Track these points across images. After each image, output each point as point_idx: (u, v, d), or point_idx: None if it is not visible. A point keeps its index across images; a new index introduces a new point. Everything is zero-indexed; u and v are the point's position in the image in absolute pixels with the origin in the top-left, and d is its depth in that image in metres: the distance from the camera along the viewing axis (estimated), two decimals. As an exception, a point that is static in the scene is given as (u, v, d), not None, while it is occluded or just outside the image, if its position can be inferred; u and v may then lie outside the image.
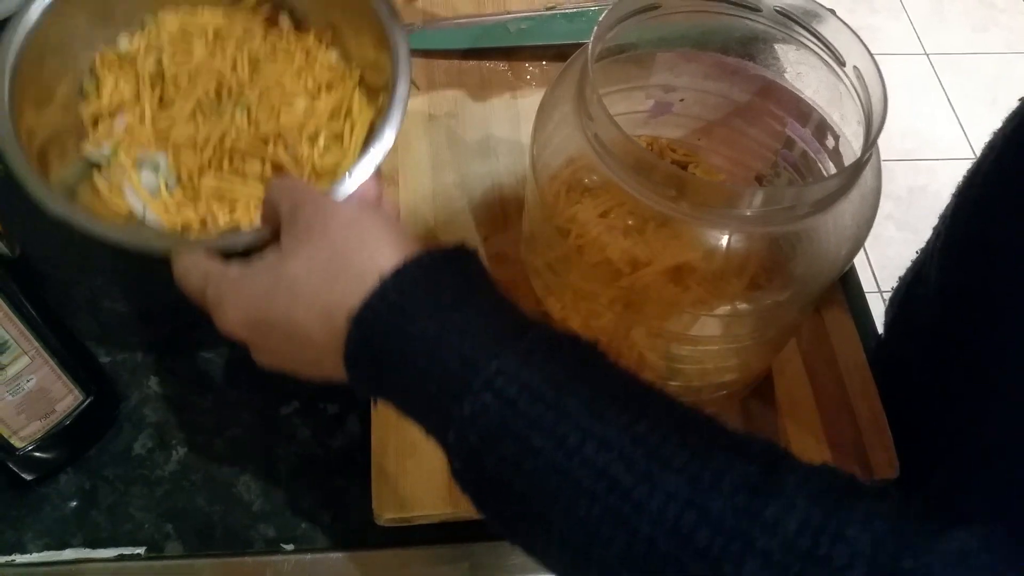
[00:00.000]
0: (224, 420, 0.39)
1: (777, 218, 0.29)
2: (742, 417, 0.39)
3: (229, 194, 0.39)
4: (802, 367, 0.40)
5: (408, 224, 0.44)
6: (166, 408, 0.40)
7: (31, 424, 0.35)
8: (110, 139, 0.41)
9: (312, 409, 0.40)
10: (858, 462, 0.38)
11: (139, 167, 0.40)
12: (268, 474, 0.38)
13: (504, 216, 0.44)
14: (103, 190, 0.40)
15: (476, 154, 0.46)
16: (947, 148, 1.39)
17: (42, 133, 0.39)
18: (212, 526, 0.37)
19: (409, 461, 0.36)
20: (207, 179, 0.39)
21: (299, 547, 0.36)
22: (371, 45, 0.42)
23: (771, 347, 0.37)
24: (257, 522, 0.37)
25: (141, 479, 0.38)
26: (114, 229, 0.36)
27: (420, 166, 0.46)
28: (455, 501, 0.36)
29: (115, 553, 0.36)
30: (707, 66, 0.36)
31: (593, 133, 0.29)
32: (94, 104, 0.41)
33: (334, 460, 0.38)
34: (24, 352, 0.34)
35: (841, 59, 0.31)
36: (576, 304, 0.35)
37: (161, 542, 0.36)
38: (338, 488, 0.38)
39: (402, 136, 0.46)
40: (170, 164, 0.40)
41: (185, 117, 0.41)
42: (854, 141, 0.32)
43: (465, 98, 0.49)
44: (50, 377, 0.35)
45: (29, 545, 0.36)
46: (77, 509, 0.37)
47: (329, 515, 0.37)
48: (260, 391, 0.40)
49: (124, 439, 0.39)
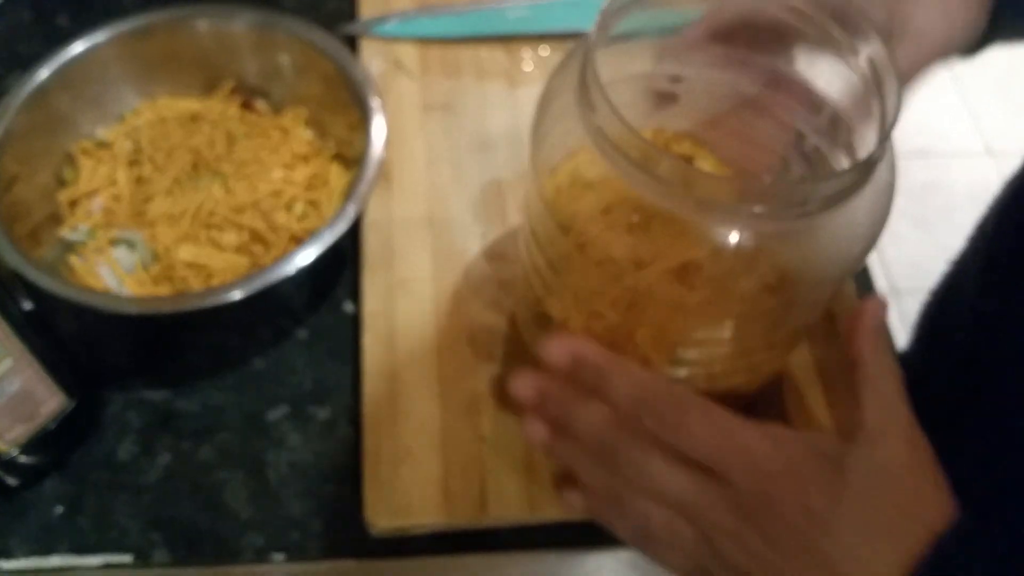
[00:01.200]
0: (211, 425, 0.39)
1: (788, 214, 0.27)
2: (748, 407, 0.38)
3: (206, 266, 0.40)
4: (812, 368, 0.39)
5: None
6: (151, 413, 0.39)
7: (15, 428, 0.35)
8: (87, 220, 0.41)
9: (302, 414, 0.39)
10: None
11: (115, 246, 0.41)
12: (257, 481, 0.37)
13: (503, 213, 0.43)
14: (79, 270, 0.40)
15: (473, 147, 0.45)
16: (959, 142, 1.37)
17: (21, 216, 0.40)
18: (200, 534, 0.36)
19: (403, 468, 0.36)
20: (183, 251, 0.40)
21: (289, 556, 0.36)
22: (346, 125, 0.43)
23: (781, 349, 0.36)
24: (246, 530, 0.36)
25: (127, 485, 0.37)
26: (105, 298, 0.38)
27: (414, 160, 0.45)
28: (451, 510, 0.35)
29: (102, 561, 0.35)
30: (714, 55, 0.35)
31: (595, 125, 0.28)
32: (72, 188, 0.42)
33: (325, 467, 0.38)
34: (8, 354, 0.33)
35: (855, 49, 0.30)
36: (577, 305, 0.34)
37: (148, 550, 0.35)
38: (329, 496, 0.37)
39: (395, 130, 0.45)
40: (146, 241, 0.41)
41: (161, 193, 0.42)
42: (868, 135, 0.31)
43: (461, 89, 0.47)
44: (34, 380, 0.34)
45: (14, 551, 0.35)
46: (63, 515, 0.36)
47: (320, 523, 0.36)
48: (248, 396, 0.39)
49: (109, 444, 0.38)
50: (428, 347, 0.39)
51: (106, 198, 0.42)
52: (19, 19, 0.51)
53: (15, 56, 0.50)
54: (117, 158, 0.43)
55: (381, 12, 0.50)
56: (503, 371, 0.38)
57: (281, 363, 0.40)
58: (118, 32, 0.43)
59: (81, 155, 0.43)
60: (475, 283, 0.41)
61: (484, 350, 0.39)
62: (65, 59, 0.42)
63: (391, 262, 0.41)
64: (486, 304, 0.40)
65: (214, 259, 0.40)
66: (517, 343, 0.39)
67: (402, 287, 0.40)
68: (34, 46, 0.50)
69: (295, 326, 0.41)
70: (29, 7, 0.52)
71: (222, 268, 0.40)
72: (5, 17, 0.52)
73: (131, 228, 0.41)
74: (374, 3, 0.50)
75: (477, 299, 0.40)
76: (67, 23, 0.51)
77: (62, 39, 0.43)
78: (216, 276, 0.40)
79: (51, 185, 0.42)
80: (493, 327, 0.40)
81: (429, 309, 0.40)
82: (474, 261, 0.42)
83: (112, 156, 0.43)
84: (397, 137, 0.45)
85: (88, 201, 0.42)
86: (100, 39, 0.43)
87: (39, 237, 0.40)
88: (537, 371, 0.27)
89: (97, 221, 0.41)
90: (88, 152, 0.43)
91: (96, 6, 0.51)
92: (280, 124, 0.45)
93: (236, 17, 0.44)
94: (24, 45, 0.50)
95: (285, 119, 0.45)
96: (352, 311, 0.42)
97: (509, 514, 0.35)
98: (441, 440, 0.36)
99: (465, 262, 0.42)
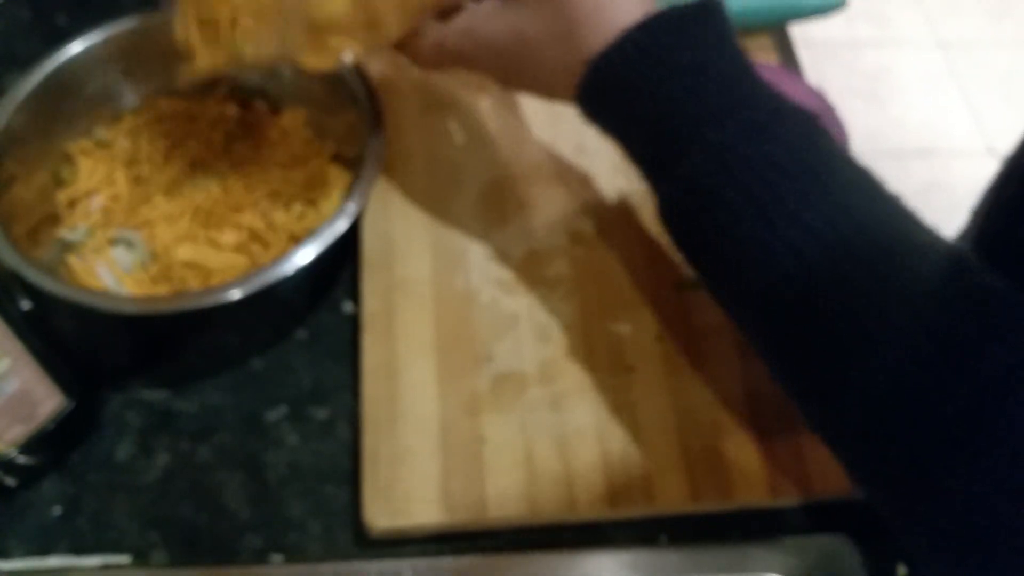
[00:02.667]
0: (210, 426, 0.39)
1: None
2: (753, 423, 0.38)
3: (204, 265, 0.40)
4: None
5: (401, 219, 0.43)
6: (149, 413, 0.39)
7: (13, 428, 0.35)
8: (86, 220, 0.41)
9: (301, 415, 0.39)
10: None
11: (113, 245, 0.41)
12: (256, 482, 0.37)
13: (501, 212, 0.43)
14: (78, 270, 0.40)
15: (472, 147, 0.45)
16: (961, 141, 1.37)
17: (19, 216, 0.40)
18: (198, 535, 0.36)
19: (402, 468, 0.35)
20: (181, 251, 0.40)
21: (288, 557, 0.35)
22: (345, 125, 0.43)
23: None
24: (245, 531, 0.36)
25: (126, 485, 0.37)
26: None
27: (414, 159, 0.45)
28: (450, 510, 0.35)
29: (100, 561, 0.35)
30: None
31: None
32: (70, 188, 0.42)
33: (324, 467, 0.37)
34: (6, 354, 0.33)
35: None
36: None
37: (147, 550, 0.35)
38: (328, 496, 0.37)
39: (395, 128, 0.45)
40: (144, 240, 0.41)
41: (160, 193, 0.42)
42: None
43: (461, 88, 0.47)
44: (32, 380, 0.34)
45: (12, 551, 0.35)
46: (61, 515, 0.36)
47: (319, 524, 0.36)
48: (247, 396, 0.39)
49: (107, 444, 0.38)
50: (427, 347, 0.39)
51: (104, 198, 0.42)
52: (17, 18, 0.51)
53: (13, 56, 0.49)
54: (116, 158, 0.43)
55: (380, 11, 0.50)
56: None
57: (280, 363, 0.40)
58: (116, 32, 0.43)
59: (79, 155, 0.43)
60: (474, 283, 0.41)
61: (483, 351, 0.39)
62: (63, 59, 0.42)
63: (390, 262, 0.41)
64: (486, 304, 0.40)
65: (212, 259, 0.40)
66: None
67: (401, 287, 0.40)
68: (32, 46, 0.50)
69: (294, 326, 0.41)
70: (27, 7, 0.52)
71: (221, 268, 0.40)
72: (3, 16, 0.51)
73: (129, 228, 0.41)
74: (373, 2, 0.50)
75: (476, 299, 0.40)
76: (65, 22, 0.51)
77: (60, 39, 0.43)
78: (215, 276, 0.40)
79: (49, 185, 0.42)
80: (492, 327, 0.40)
81: (428, 309, 0.40)
82: (473, 261, 0.42)
83: (111, 156, 0.43)
84: (396, 137, 0.45)
85: (86, 201, 0.42)
86: (98, 39, 0.43)
87: (37, 237, 0.40)
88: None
89: (95, 221, 0.41)
90: (87, 152, 0.43)
91: (94, 6, 0.51)
92: (278, 124, 0.45)
93: None
94: (22, 45, 0.50)
95: (283, 119, 0.45)
96: (351, 311, 0.42)
97: (508, 515, 0.35)
98: (440, 441, 0.36)
99: (464, 262, 0.41)
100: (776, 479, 0.36)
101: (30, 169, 0.41)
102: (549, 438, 0.37)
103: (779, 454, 0.37)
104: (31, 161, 0.41)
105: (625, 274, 0.41)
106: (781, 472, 0.37)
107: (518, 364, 0.39)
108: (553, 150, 0.46)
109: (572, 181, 0.45)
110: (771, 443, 0.37)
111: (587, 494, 0.36)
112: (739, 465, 0.37)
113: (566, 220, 0.43)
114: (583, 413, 0.37)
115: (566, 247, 0.42)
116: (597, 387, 0.38)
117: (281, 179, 0.42)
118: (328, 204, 0.42)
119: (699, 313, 0.40)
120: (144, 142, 0.43)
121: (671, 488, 0.36)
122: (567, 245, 0.42)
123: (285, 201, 0.42)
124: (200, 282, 0.40)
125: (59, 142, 0.43)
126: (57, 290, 0.36)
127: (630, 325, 0.40)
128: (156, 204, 0.41)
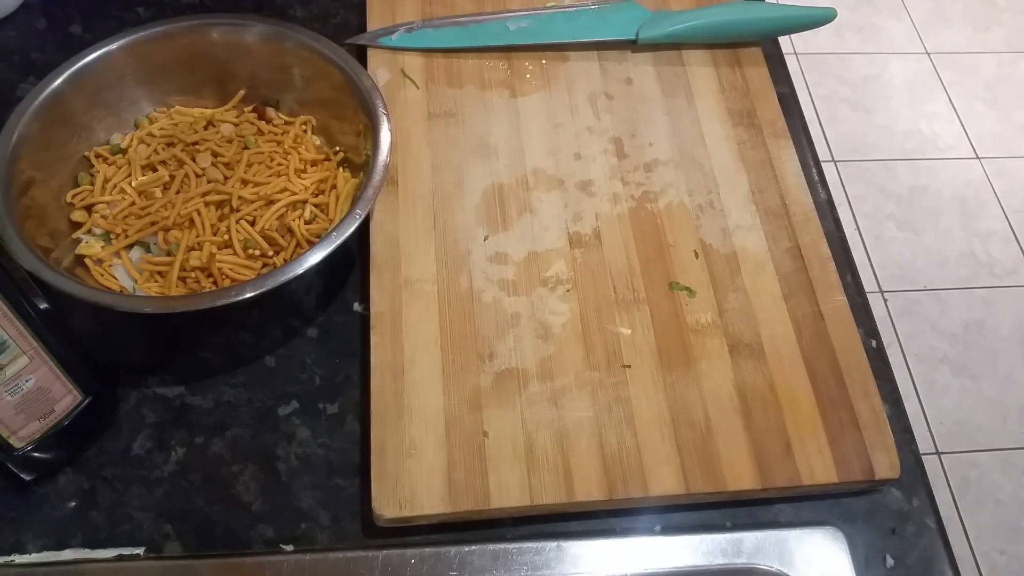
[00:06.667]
0: (223, 420, 0.39)
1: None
2: (742, 417, 0.39)
3: (217, 268, 0.40)
4: (803, 367, 0.41)
5: (406, 223, 0.44)
6: (165, 408, 0.40)
7: (30, 424, 0.35)
8: (102, 224, 0.42)
9: (311, 409, 0.40)
10: (859, 463, 0.38)
11: (129, 248, 0.42)
12: (267, 474, 0.38)
13: (504, 216, 0.44)
14: (95, 271, 0.41)
15: (475, 153, 0.46)
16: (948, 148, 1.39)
17: (37, 218, 0.40)
18: (211, 526, 0.37)
19: (408, 461, 0.37)
20: (196, 253, 0.41)
21: (298, 547, 0.36)
22: (354, 132, 0.44)
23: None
24: (256, 522, 0.37)
25: (140, 479, 0.38)
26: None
27: (419, 165, 0.46)
28: (454, 500, 0.36)
29: (114, 553, 0.36)
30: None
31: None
32: (87, 192, 0.43)
33: (334, 460, 0.38)
34: (23, 352, 0.34)
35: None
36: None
37: (160, 542, 0.36)
38: (337, 488, 0.38)
39: (401, 136, 0.46)
40: (160, 243, 0.41)
41: (174, 197, 0.42)
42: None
43: (464, 97, 0.49)
44: (49, 377, 0.35)
45: (28, 545, 0.36)
46: (76, 509, 0.37)
47: (328, 515, 0.37)
48: (259, 391, 0.40)
49: (123, 439, 0.39)
50: (432, 345, 0.40)
51: (121, 202, 0.43)
52: (33, 27, 0.52)
53: (29, 63, 0.50)
54: (132, 163, 0.44)
55: (388, 24, 0.51)
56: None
57: (291, 360, 0.41)
58: (132, 40, 0.44)
59: (96, 160, 0.44)
60: (477, 284, 0.42)
61: (486, 348, 0.40)
62: (79, 66, 0.43)
63: (397, 264, 0.42)
64: (488, 304, 0.42)
65: (226, 261, 0.41)
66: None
67: (408, 287, 0.41)
68: (48, 54, 0.50)
69: (305, 325, 0.42)
70: (43, 15, 0.52)
71: (234, 269, 0.41)
72: (19, 25, 0.52)
73: (145, 231, 0.42)
74: (381, 15, 0.51)
75: (479, 299, 0.42)
76: (80, 31, 0.52)
77: (75, 47, 0.43)
78: (228, 277, 0.41)
79: (67, 189, 0.43)
80: (495, 326, 0.41)
81: (434, 309, 0.41)
82: (476, 262, 0.43)
83: (127, 161, 0.44)
84: (403, 143, 0.46)
85: (103, 205, 0.43)
86: (113, 46, 0.43)
87: (55, 239, 0.41)
88: None
89: (112, 224, 0.42)
90: (103, 157, 0.44)
91: (109, 15, 0.52)
92: (290, 131, 0.46)
93: (248, 28, 0.45)
94: (38, 53, 0.51)
95: (295, 126, 0.46)
96: (360, 311, 0.43)
97: (511, 505, 0.36)
98: (445, 434, 0.37)
99: (467, 263, 0.43)
100: (765, 471, 0.38)
101: (47, 174, 0.42)
102: (549, 431, 0.38)
103: (768, 447, 0.38)
104: (48, 166, 0.42)
105: (621, 275, 0.43)
106: (770, 464, 0.38)
107: (519, 361, 0.40)
108: (553, 156, 0.47)
109: (571, 186, 0.46)
110: (760, 437, 0.38)
111: (585, 485, 0.37)
112: (729, 457, 0.38)
113: (565, 224, 0.45)
114: (581, 408, 0.39)
115: (565, 250, 0.44)
116: (594, 383, 0.39)
117: (293, 184, 0.43)
118: (337, 209, 0.43)
119: (691, 312, 0.42)
120: (160, 148, 0.44)
121: (665, 479, 0.37)
122: (566, 248, 0.44)
123: (296, 205, 0.43)
124: (214, 283, 0.41)
125: (76, 147, 0.44)
126: (74, 290, 0.36)
127: (626, 324, 0.41)
128: (171, 208, 0.42)
